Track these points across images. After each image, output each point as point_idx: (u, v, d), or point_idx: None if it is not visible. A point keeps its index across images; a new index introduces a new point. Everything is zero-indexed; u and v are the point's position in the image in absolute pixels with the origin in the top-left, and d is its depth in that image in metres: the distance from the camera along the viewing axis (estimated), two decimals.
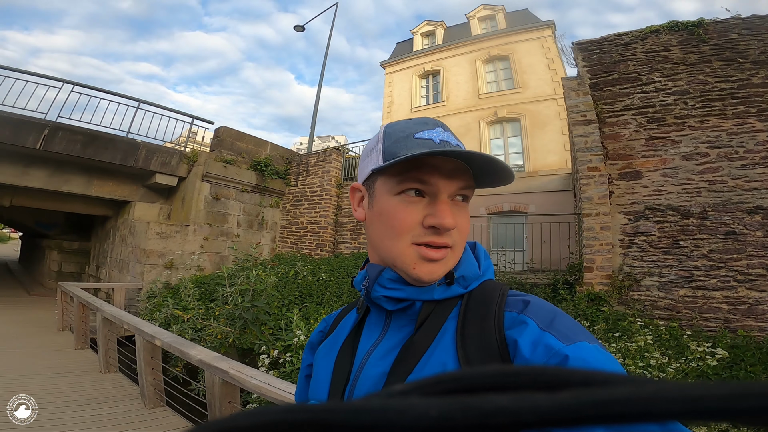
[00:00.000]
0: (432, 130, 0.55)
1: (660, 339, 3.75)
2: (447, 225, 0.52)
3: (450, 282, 0.55)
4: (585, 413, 0.11)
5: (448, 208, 0.53)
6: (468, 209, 0.57)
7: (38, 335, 5.45)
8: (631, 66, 5.13)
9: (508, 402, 0.11)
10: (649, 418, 0.11)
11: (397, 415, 0.12)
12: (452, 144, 0.54)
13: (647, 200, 4.99)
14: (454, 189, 0.54)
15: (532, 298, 0.52)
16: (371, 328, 0.60)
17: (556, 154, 10.89)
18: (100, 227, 9.40)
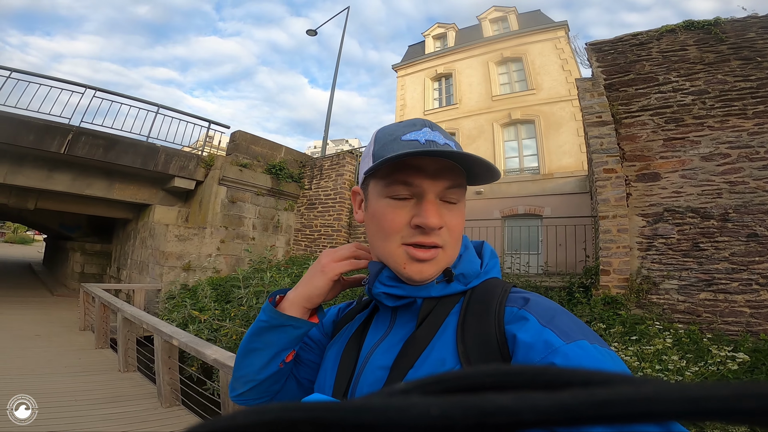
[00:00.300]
0: (419, 131, 0.56)
1: (680, 342, 3.66)
2: (431, 224, 0.53)
3: (449, 279, 0.56)
4: (585, 413, 0.11)
5: (433, 207, 0.54)
6: (461, 208, 0.57)
7: (61, 335, 5.62)
8: (647, 66, 5.03)
9: (508, 401, 0.11)
10: (650, 418, 0.11)
11: (398, 413, 0.12)
12: (439, 143, 0.54)
13: (666, 202, 4.88)
14: (439, 189, 0.54)
15: (534, 295, 0.52)
16: (378, 323, 0.61)
17: (572, 156, 10.75)
18: (121, 230, 9.67)
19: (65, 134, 6.53)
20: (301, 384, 0.71)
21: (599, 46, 5.33)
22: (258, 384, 0.67)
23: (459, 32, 14.72)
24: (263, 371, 0.65)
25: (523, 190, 11.19)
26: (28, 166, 6.76)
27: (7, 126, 6.06)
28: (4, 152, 6.42)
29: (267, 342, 0.63)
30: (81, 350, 4.97)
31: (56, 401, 3.31)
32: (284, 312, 0.63)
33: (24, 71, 6.71)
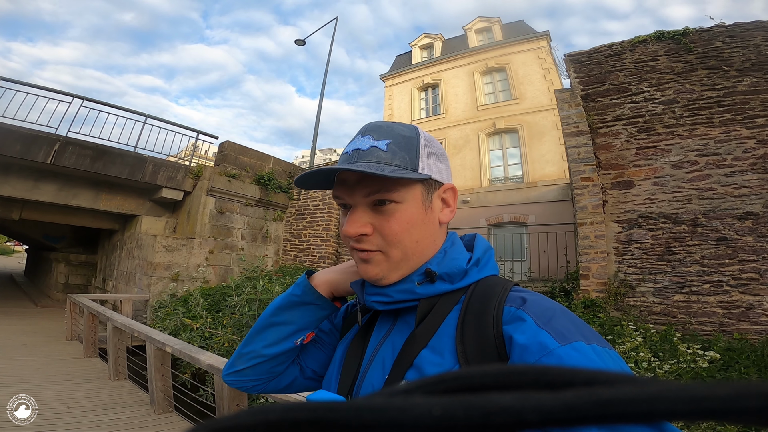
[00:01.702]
0: (353, 141, 0.58)
1: (649, 341, 3.85)
2: (345, 233, 0.56)
3: (431, 280, 0.56)
4: (589, 413, 0.11)
5: (352, 217, 0.56)
6: (400, 210, 0.56)
7: (47, 345, 5.55)
8: (621, 76, 5.32)
9: (511, 401, 0.11)
10: (653, 417, 0.11)
11: (400, 413, 0.12)
12: (362, 150, 0.55)
13: (640, 209, 5.14)
14: (359, 198, 0.56)
15: (534, 295, 0.52)
16: (382, 322, 0.62)
17: (555, 164, 11.08)
18: (106, 240, 9.57)
19: (52, 144, 6.46)
20: (303, 371, 0.72)
21: (576, 57, 5.60)
22: (265, 361, 0.67)
23: (445, 42, 15.05)
24: (276, 346, 0.66)
25: (508, 199, 11.46)
26: (13, 176, 6.66)
27: None
28: None
29: (290, 317, 0.66)
30: (69, 359, 4.93)
31: (49, 409, 3.32)
32: (322, 294, 0.65)
33: (8, 79, 6.63)
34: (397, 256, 0.56)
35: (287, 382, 0.71)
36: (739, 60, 4.93)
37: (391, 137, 0.56)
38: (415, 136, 0.57)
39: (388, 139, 0.55)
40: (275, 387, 0.71)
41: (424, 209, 0.57)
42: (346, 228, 0.56)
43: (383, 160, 0.54)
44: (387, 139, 0.55)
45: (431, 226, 0.58)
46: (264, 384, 0.70)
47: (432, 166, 0.58)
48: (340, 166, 0.54)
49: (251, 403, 3.54)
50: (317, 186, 0.61)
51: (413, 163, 0.55)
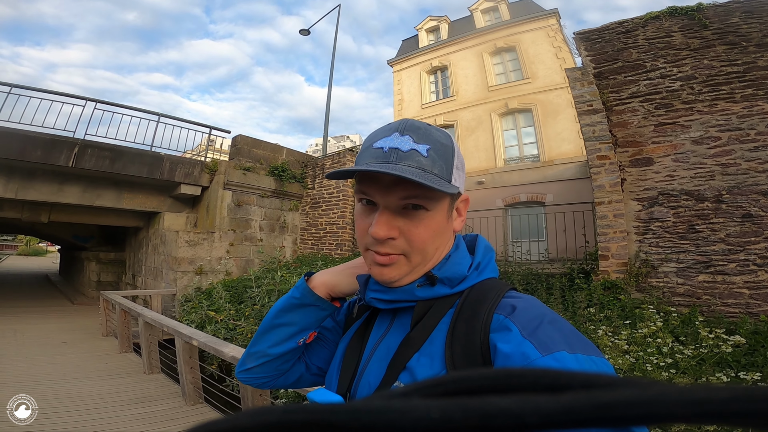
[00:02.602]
0: (388, 137, 0.55)
1: (669, 325, 3.79)
2: (375, 235, 0.55)
3: (432, 283, 0.57)
4: (588, 415, 0.11)
5: (382, 219, 0.55)
6: (428, 217, 0.56)
7: (85, 341, 5.87)
8: (635, 53, 5.12)
9: (510, 404, 0.11)
10: (652, 420, 0.11)
11: (399, 416, 0.12)
12: (402, 151, 0.53)
13: (660, 186, 5.00)
14: (393, 200, 0.55)
15: (524, 301, 0.52)
16: (380, 322, 0.62)
17: (571, 142, 10.80)
18: (133, 238, 9.93)
19: (71, 147, 6.65)
20: (309, 368, 0.74)
21: (587, 35, 5.40)
22: (271, 360, 0.69)
23: (452, 24, 14.66)
24: (280, 346, 0.68)
25: (525, 178, 11.28)
26: (38, 181, 6.93)
27: (14, 142, 6.19)
28: (13, 168, 6.60)
29: (292, 319, 0.67)
30: (106, 355, 5.21)
31: (89, 404, 3.54)
32: (320, 297, 0.66)
33: (23, 86, 6.76)
34: (417, 261, 0.57)
35: (294, 378, 0.74)
36: (757, 35, 4.67)
37: (430, 143, 0.55)
38: (451, 145, 0.57)
39: (428, 144, 0.54)
40: (284, 383, 0.74)
41: (447, 219, 0.58)
42: (376, 230, 0.54)
43: (423, 167, 0.53)
44: (427, 144, 0.54)
45: (449, 234, 0.60)
46: (273, 380, 0.73)
47: (459, 177, 0.58)
48: (378, 168, 0.52)
49: (273, 392, 3.68)
50: (346, 176, 0.59)
51: (448, 173, 0.55)
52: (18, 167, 6.64)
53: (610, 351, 3.30)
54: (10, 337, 5.85)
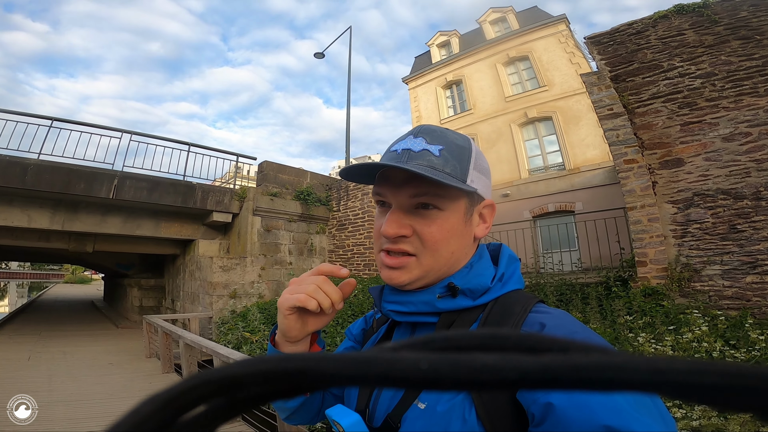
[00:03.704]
0: (403, 140, 0.56)
1: (716, 329, 3.61)
2: (385, 233, 0.55)
3: (453, 294, 0.55)
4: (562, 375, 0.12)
5: (393, 217, 0.55)
6: (442, 218, 0.55)
7: (130, 362, 6.14)
8: (649, 54, 5.06)
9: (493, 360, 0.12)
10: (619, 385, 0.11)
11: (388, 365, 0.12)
12: (414, 151, 0.53)
13: (694, 186, 4.84)
14: (404, 198, 0.55)
15: (555, 318, 0.49)
16: (399, 336, 0.61)
17: (596, 147, 10.59)
18: (171, 265, 10.39)
19: (111, 179, 7.04)
20: (337, 397, 0.71)
21: (598, 39, 5.37)
22: (294, 411, 0.68)
23: (462, 38, 14.80)
24: (290, 402, 0.66)
25: (551, 188, 11.11)
26: (82, 212, 7.35)
27: (59, 176, 6.59)
28: (59, 201, 7.05)
29: None
30: (150, 375, 5.43)
31: None
32: (285, 350, 0.60)
33: (63, 119, 7.24)
34: (429, 264, 0.55)
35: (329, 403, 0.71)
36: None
37: (444, 143, 0.54)
38: (468, 147, 0.57)
39: (441, 144, 0.54)
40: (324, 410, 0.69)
41: (464, 221, 0.56)
42: (386, 227, 0.54)
43: (434, 165, 0.53)
44: (440, 145, 0.54)
45: (467, 239, 0.57)
46: (314, 417, 0.72)
47: (479, 180, 0.56)
48: (384, 162, 0.53)
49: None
50: (361, 180, 0.60)
51: (463, 173, 0.54)
52: (64, 200, 7.06)
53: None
54: (60, 358, 6.19)
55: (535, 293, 3.68)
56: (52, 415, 3.71)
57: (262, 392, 0.13)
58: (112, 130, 7.82)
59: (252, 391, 0.13)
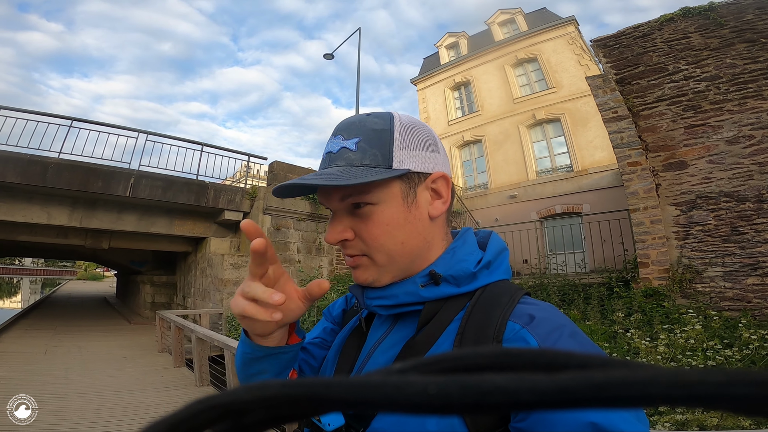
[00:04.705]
0: (327, 143, 0.55)
1: (713, 328, 3.67)
2: (325, 240, 0.55)
3: (436, 282, 0.52)
4: (582, 395, 0.11)
5: (333, 224, 0.55)
6: (377, 212, 0.52)
7: (143, 357, 6.34)
8: (655, 57, 5.10)
9: (506, 381, 0.11)
10: (644, 401, 0.11)
11: (395, 390, 0.12)
12: (334, 153, 0.53)
13: (697, 189, 4.88)
14: (336, 204, 0.54)
15: (543, 310, 0.48)
16: (379, 323, 0.59)
17: (604, 149, 10.57)
18: (182, 262, 10.64)
19: (128, 178, 7.26)
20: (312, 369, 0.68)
21: (604, 41, 5.42)
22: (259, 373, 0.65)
23: (470, 39, 14.80)
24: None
25: (559, 189, 11.13)
26: (100, 210, 7.58)
27: (78, 174, 6.82)
28: (77, 198, 7.28)
29: (261, 369, 0.57)
30: (162, 369, 5.62)
31: (148, 413, 3.85)
32: (259, 343, 0.55)
33: (81, 119, 7.49)
34: (382, 260, 0.53)
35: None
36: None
37: (361, 134, 0.52)
38: (389, 128, 0.53)
39: (358, 136, 0.52)
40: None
41: (405, 207, 0.53)
42: (327, 235, 0.54)
43: (352, 162, 0.51)
44: (357, 137, 0.52)
45: (418, 223, 0.54)
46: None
47: (411, 158, 0.53)
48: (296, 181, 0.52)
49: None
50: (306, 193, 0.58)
51: (386, 159, 0.51)
52: (82, 197, 7.29)
53: (645, 354, 3.25)
54: (75, 352, 6.40)
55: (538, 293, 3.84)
56: (69, 406, 3.90)
57: (267, 417, 0.13)
58: (129, 130, 8.06)
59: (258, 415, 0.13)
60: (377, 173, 0.50)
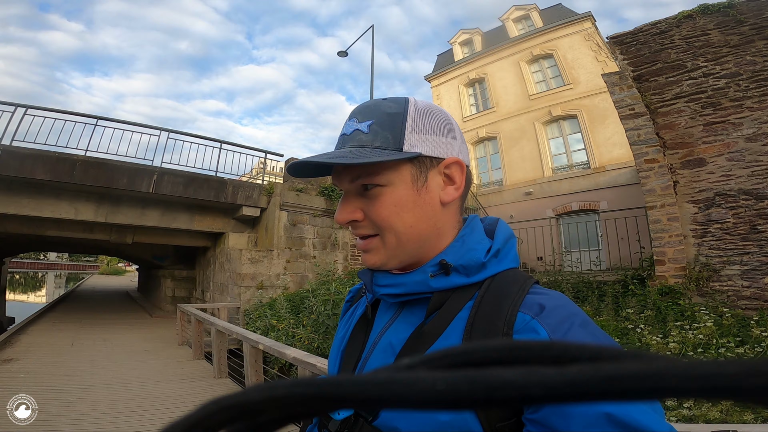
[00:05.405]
0: (344, 125, 0.56)
1: (725, 326, 3.65)
2: (335, 220, 0.56)
3: (446, 272, 0.52)
4: (593, 388, 0.11)
5: (342, 204, 0.55)
6: (386, 194, 0.52)
7: (164, 349, 6.55)
8: (673, 54, 5.01)
9: (515, 376, 0.11)
10: (658, 394, 0.11)
11: (404, 387, 0.12)
12: (347, 135, 0.53)
13: (716, 186, 4.81)
14: (347, 184, 0.54)
15: (553, 299, 0.47)
16: (384, 310, 0.59)
17: (623, 146, 10.35)
18: (202, 257, 10.94)
19: (151, 175, 7.52)
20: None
21: (620, 38, 5.35)
22: None
23: (485, 35, 14.65)
24: None
25: (575, 186, 11.02)
26: (124, 206, 7.88)
27: (104, 171, 7.09)
28: (103, 195, 7.58)
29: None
30: (182, 361, 5.81)
31: (169, 404, 4.01)
32: None
33: (107, 118, 7.77)
34: (392, 242, 0.53)
35: None
36: None
37: (374, 117, 0.53)
38: (401, 111, 0.53)
39: (371, 119, 0.53)
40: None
41: (415, 190, 0.52)
42: (336, 215, 0.55)
43: (364, 143, 0.51)
44: (370, 120, 0.52)
45: (428, 207, 0.53)
46: None
47: (423, 141, 0.52)
48: (310, 159, 0.52)
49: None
50: (319, 174, 0.59)
51: (397, 142, 0.51)
52: (107, 194, 7.58)
53: (655, 349, 3.26)
54: (100, 345, 6.66)
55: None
56: (95, 397, 4.07)
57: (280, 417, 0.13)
58: (152, 128, 8.30)
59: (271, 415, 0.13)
60: (385, 155, 0.50)
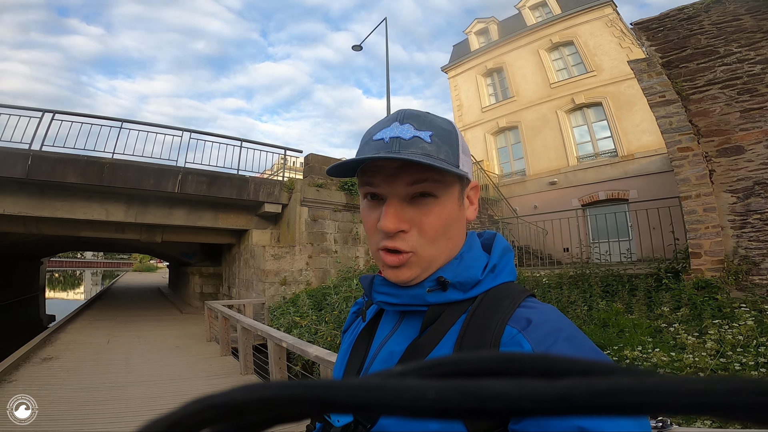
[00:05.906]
0: (387, 128, 0.53)
1: (761, 324, 3.44)
2: (384, 228, 0.52)
3: (443, 288, 0.53)
4: (584, 403, 0.11)
5: (390, 210, 0.52)
6: (439, 206, 0.53)
7: (193, 346, 6.73)
8: (703, 39, 4.71)
9: (506, 388, 0.11)
10: (645, 410, 0.11)
11: (394, 395, 0.12)
12: (404, 139, 0.51)
13: (755, 175, 4.53)
14: (400, 188, 0.52)
15: (542, 313, 0.48)
16: (387, 321, 0.60)
17: (653, 133, 9.91)
18: (227, 253, 11.21)
19: (176, 175, 7.70)
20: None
21: (646, 24, 5.06)
22: None
23: (501, 24, 14.27)
24: None
25: (602, 175, 10.67)
26: (152, 206, 8.12)
27: (131, 173, 7.31)
28: (132, 196, 7.82)
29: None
30: (210, 358, 5.94)
31: None
32: None
33: (132, 120, 7.95)
34: (429, 255, 0.53)
35: None
36: None
37: (432, 129, 0.52)
38: (454, 130, 0.55)
39: (430, 130, 0.52)
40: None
41: (458, 207, 0.55)
42: (385, 223, 0.51)
43: (429, 153, 0.50)
44: (430, 131, 0.52)
45: (462, 224, 0.56)
46: None
47: (467, 163, 0.55)
48: (383, 155, 0.50)
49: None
50: (345, 174, 0.57)
51: (455, 158, 0.52)
52: (136, 195, 7.83)
53: (691, 350, 3.11)
54: (135, 342, 6.89)
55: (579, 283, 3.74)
56: (130, 394, 4.19)
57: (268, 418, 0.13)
58: (175, 129, 8.51)
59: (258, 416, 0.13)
60: (456, 168, 0.51)
